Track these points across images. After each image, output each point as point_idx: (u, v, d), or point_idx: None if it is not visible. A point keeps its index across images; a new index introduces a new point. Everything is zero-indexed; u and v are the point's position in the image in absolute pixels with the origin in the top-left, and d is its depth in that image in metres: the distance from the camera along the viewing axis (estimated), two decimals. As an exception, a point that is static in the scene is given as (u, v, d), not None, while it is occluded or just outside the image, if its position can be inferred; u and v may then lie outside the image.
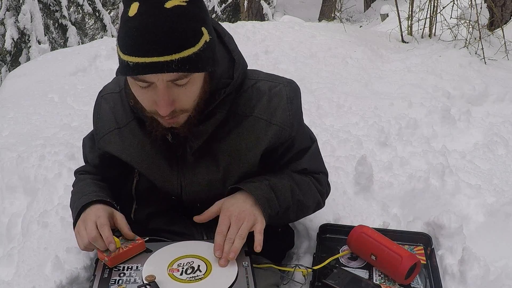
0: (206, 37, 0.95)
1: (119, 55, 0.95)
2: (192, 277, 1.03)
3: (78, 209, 1.15)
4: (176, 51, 0.90)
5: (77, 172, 1.37)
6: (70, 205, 1.26)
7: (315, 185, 1.25)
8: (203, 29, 0.95)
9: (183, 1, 0.92)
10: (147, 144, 1.17)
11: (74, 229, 1.15)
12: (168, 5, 0.90)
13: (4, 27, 8.01)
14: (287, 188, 1.16)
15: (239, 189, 1.13)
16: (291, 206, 1.18)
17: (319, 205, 1.29)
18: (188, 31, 0.92)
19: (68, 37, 8.62)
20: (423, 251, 1.33)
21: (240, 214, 1.07)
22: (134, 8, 0.91)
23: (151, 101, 1.00)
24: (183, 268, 1.06)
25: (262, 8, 10.56)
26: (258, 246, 1.05)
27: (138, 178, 1.25)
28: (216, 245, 1.06)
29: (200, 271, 1.05)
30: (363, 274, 1.24)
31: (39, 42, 7.83)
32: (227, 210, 1.09)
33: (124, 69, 0.93)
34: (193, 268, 1.06)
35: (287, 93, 1.16)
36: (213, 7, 11.04)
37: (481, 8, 3.88)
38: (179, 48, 0.91)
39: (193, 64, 0.93)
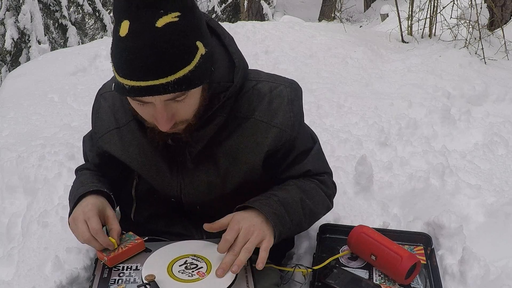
0: (201, 50, 0.93)
1: (114, 75, 0.94)
2: (192, 276, 1.03)
3: (75, 199, 1.15)
4: (171, 73, 0.89)
5: (78, 170, 1.36)
6: (68, 197, 1.25)
7: (322, 189, 1.23)
8: (198, 43, 0.93)
9: (175, 17, 0.89)
10: (146, 145, 1.16)
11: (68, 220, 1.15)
12: (159, 23, 0.87)
13: (4, 27, 8.01)
14: (297, 201, 1.14)
15: (248, 207, 1.11)
16: (303, 218, 1.16)
17: (329, 208, 1.28)
18: (182, 50, 0.90)
19: (68, 37, 8.63)
20: (423, 251, 1.33)
21: (250, 228, 1.05)
22: (125, 27, 0.88)
23: (150, 116, 1.00)
24: (182, 267, 1.06)
25: (262, 8, 10.56)
26: (260, 264, 1.02)
27: (138, 180, 1.25)
28: (219, 249, 1.04)
29: (200, 271, 1.05)
30: (363, 274, 1.24)
31: (39, 42, 7.84)
32: (238, 222, 1.06)
33: (120, 90, 0.93)
34: (192, 267, 1.06)
35: (288, 94, 1.14)
36: (213, 7, 11.04)
37: (481, 8, 3.87)
38: (174, 70, 0.89)
39: (190, 81, 0.92)
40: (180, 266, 1.07)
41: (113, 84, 0.97)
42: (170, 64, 0.89)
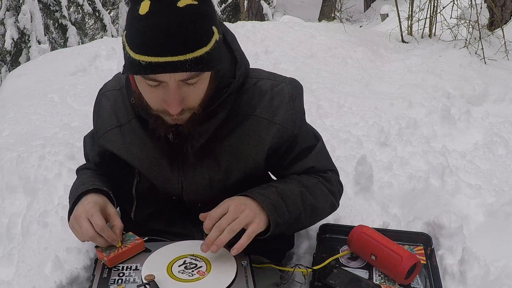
0: (216, 36, 0.96)
1: (128, 54, 0.94)
2: (191, 276, 1.03)
3: (75, 198, 1.15)
4: (190, 51, 0.90)
5: (79, 170, 1.37)
6: (68, 196, 1.25)
7: (325, 185, 1.22)
8: (214, 28, 0.95)
9: (195, 0, 0.92)
10: (148, 143, 1.16)
11: (68, 218, 1.15)
12: (180, 4, 0.90)
13: (4, 27, 8.01)
14: (297, 193, 1.13)
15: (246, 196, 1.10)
16: (303, 212, 1.15)
17: (333, 206, 1.26)
18: (201, 31, 0.92)
19: (68, 37, 8.63)
20: (423, 251, 1.33)
21: (240, 206, 1.04)
22: (145, 6, 0.91)
23: (159, 100, 1.00)
24: (182, 267, 1.06)
25: (262, 8, 10.57)
26: (235, 250, 1.00)
27: (139, 179, 1.25)
28: (204, 226, 1.04)
29: (200, 270, 1.05)
30: (363, 274, 1.24)
31: (39, 42, 7.84)
32: (229, 201, 1.07)
33: (135, 68, 0.93)
34: (192, 267, 1.06)
35: (289, 91, 1.15)
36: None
37: (481, 8, 3.88)
38: (193, 48, 0.91)
39: (205, 63, 0.93)
40: (179, 266, 1.07)
41: (124, 67, 0.97)
42: (189, 42, 0.90)
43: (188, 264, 1.07)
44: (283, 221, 1.09)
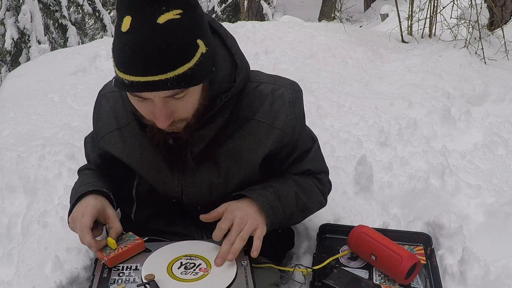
0: (202, 48, 0.93)
1: (115, 70, 0.94)
2: (191, 276, 1.03)
3: (74, 199, 1.15)
4: (170, 69, 0.89)
5: (80, 170, 1.37)
6: (70, 197, 1.25)
7: (317, 186, 1.26)
8: (199, 41, 0.93)
9: (177, 14, 0.90)
10: (147, 146, 1.16)
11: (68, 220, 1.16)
12: (160, 20, 0.88)
13: (4, 27, 8.01)
14: (292, 194, 1.17)
15: (244, 196, 1.13)
16: (296, 212, 1.19)
17: (322, 204, 1.31)
18: (182, 47, 0.90)
19: (68, 37, 8.63)
20: (423, 251, 1.33)
21: (243, 217, 1.08)
22: (126, 23, 0.89)
23: (149, 113, 1.00)
24: (182, 267, 1.06)
25: (262, 8, 10.57)
26: (255, 251, 1.05)
27: (139, 180, 1.25)
28: (214, 236, 1.08)
29: (199, 270, 1.05)
30: (363, 274, 1.24)
31: (39, 42, 7.84)
32: (232, 211, 1.09)
33: (120, 85, 0.93)
34: (192, 267, 1.06)
35: (290, 96, 1.15)
36: (213, 7, 11.05)
37: (481, 8, 3.88)
38: (174, 66, 0.89)
39: (189, 79, 0.92)
40: (179, 266, 1.07)
41: (113, 79, 0.97)
42: (170, 60, 0.89)
43: (188, 264, 1.07)
44: (278, 220, 1.14)
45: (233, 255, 1.04)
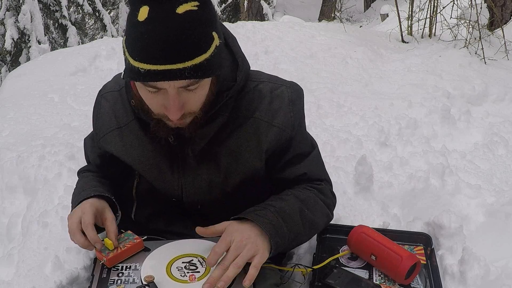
0: (216, 41, 0.95)
1: (128, 60, 0.93)
2: (191, 276, 1.03)
3: (76, 204, 1.15)
4: (188, 59, 0.90)
5: (80, 172, 1.37)
6: (71, 201, 1.25)
7: (320, 198, 1.21)
8: (214, 33, 0.95)
9: (194, 6, 0.91)
10: (147, 145, 1.16)
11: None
12: (179, 10, 0.89)
13: (4, 27, 8.01)
14: (296, 211, 1.11)
15: (244, 218, 1.07)
16: (302, 229, 1.13)
17: (329, 218, 1.25)
18: (200, 37, 0.91)
19: (68, 37, 8.62)
20: (423, 251, 1.33)
21: (242, 241, 1.01)
22: (144, 12, 0.90)
23: (160, 105, 1.00)
24: (181, 267, 1.06)
25: (262, 8, 10.57)
26: (247, 281, 0.97)
27: (139, 180, 1.25)
28: (208, 261, 1.00)
29: (199, 270, 1.05)
30: (363, 274, 1.24)
31: (39, 42, 7.83)
32: (230, 234, 1.03)
33: (135, 74, 0.92)
34: (192, 267, 1.06)
35: (289, 95, 1.15)
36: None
37: (481, 8, 3.88)
38: (191, 55, 0.90)
39: (205, 70, 0.93)
40: (179, 266, 1.07)
41: (123, 72, 0.97)
42: (188, 50, 0.90)
43: (187, 263, 1.07)
44: (284, 241, 1.08)
45: (224, 284, 0.95)
